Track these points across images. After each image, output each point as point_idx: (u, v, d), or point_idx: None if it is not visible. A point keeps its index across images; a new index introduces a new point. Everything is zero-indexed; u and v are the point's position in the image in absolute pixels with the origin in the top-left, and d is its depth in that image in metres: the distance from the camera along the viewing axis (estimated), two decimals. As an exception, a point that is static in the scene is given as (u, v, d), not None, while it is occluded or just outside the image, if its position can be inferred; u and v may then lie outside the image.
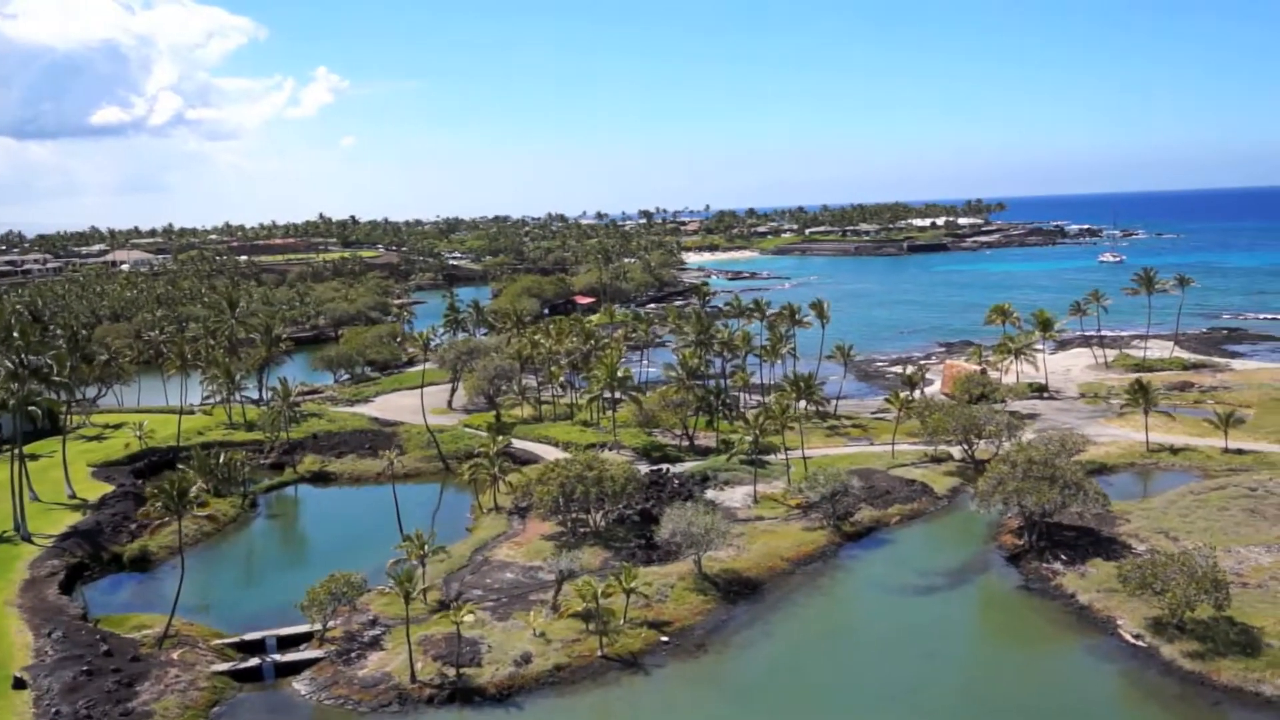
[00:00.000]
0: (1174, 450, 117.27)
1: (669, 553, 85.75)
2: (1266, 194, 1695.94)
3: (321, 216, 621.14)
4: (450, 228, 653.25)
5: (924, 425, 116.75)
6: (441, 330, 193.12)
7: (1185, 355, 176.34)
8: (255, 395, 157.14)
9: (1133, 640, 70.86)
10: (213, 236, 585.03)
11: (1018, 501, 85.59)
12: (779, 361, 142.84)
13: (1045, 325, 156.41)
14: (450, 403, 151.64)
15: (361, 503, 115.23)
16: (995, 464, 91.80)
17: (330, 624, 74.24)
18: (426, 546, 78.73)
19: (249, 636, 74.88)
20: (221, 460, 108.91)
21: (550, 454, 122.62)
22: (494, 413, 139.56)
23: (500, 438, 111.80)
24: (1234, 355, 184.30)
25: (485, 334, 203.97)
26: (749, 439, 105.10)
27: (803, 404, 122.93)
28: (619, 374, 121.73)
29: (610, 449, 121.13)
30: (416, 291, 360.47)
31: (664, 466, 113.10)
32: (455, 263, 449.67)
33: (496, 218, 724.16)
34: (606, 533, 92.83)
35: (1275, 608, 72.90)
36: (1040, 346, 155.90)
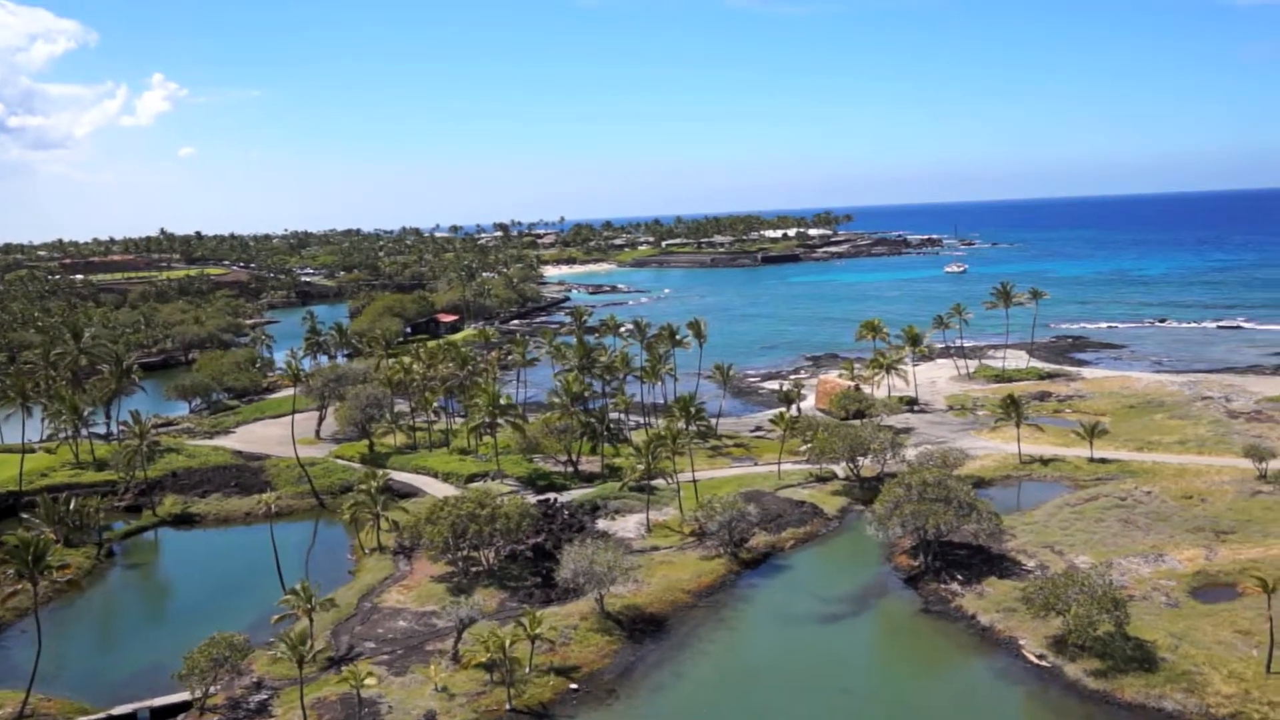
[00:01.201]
0: (1044, 461, 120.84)
1: (568, 590, 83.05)
2: (1082, 204, 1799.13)
3: (163, 232, 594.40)
4: (301, 243, 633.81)
5: (811, 446, 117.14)
6: (302, 354, 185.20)
7: (1040, 365, 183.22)
8: (104, 430, 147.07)
9: (1036, 661, 71.76)
10: (42, 253, 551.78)
11: (916, 525, 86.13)
12: (659, 383, 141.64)
13: (914, 340, 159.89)
14: (318, 432, 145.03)
15: (231, 546, 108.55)
16: (890, 487, 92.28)
17: (211, 689, 68.70)
18: (314, 600, 73.80)
19: (119, 710, 68.47)
20: (71, 506, 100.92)
21: (430, 486, 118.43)
22: (367, 442, 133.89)
23: (381, 472, 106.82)
24: (1082, 364, 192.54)
25: (347, 356, 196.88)
26: (640, 467, 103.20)
27: (690, 427, 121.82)
28: (501, 401, 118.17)
29: (493, 479, 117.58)
30: (269, 310, 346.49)
31: (552, 496, 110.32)
32: (308, 279, 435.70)
33: (348, 231, 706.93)
34: (500, 571, 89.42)
35: (1162, 619, 75.13)
36: (909, 361, 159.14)
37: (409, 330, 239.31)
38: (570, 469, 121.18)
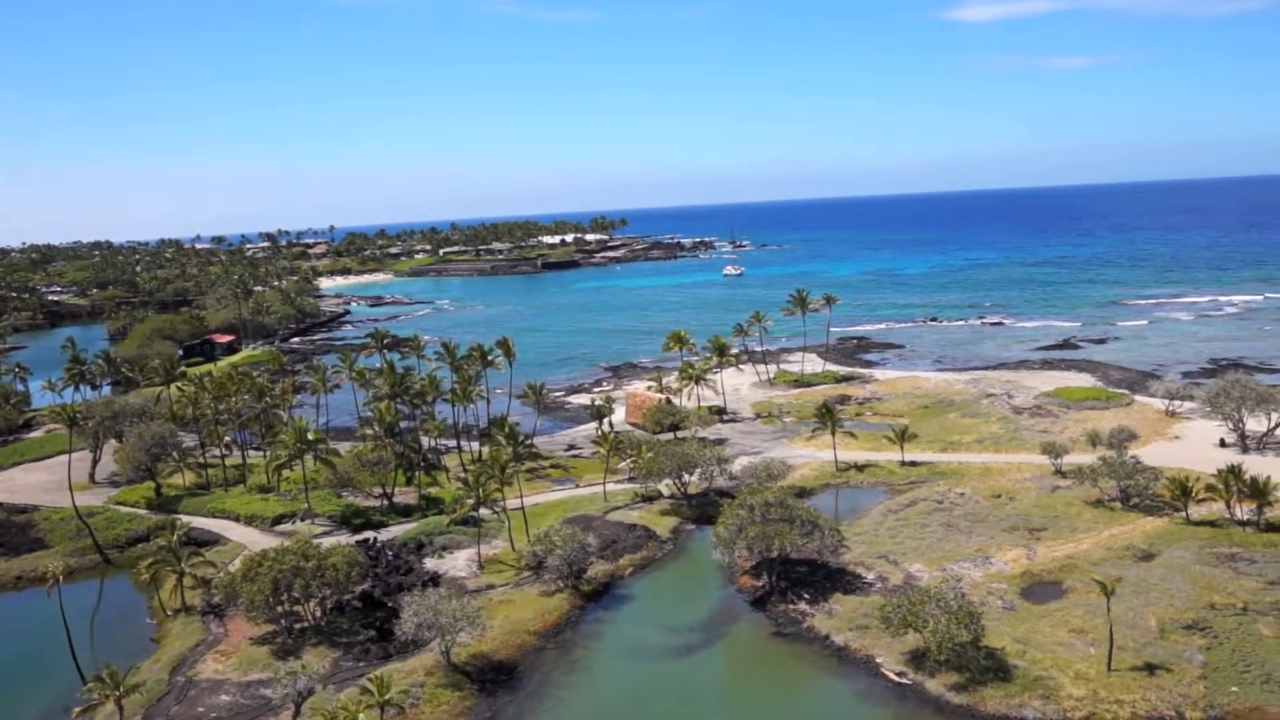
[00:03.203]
0: (860, 467, 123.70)
1: (407, 643, 77.49)
2: (835, 204, 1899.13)
3: None
4: (45, 257, 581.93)
5: (636, 466, 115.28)
6: (62, 385, 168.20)
7: (835, 368, 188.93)
8: None
9: (897, 679, 72.13)
10: None
11: (762, 547, 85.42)
12: (471, 405, 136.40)
13: (721, 350, 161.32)
14: (93, 475, 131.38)
15: (2, 620, 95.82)
16: (731, 509, 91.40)
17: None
18: (122, 686, 65.19)
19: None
20: None
21: (232, 531, 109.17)
22: (153, 485, 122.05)
23: (180, 522, 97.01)
24: (870, 364, 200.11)
25: (113, 385, 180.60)
26: (470, 500, 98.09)
27: (518, 458, 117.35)
28: (310, 435, 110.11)
29: (302, 519, 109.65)
30: (14, 334, 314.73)
31: (371, 536, 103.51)
32: (56, 298, 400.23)
33: (98, 244, 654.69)
34: (328, 626, 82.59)
35: (1003, 624, 77.25)
36: (717, 371, 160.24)
37: (181, 353, 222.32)
38: (385, 503, 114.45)
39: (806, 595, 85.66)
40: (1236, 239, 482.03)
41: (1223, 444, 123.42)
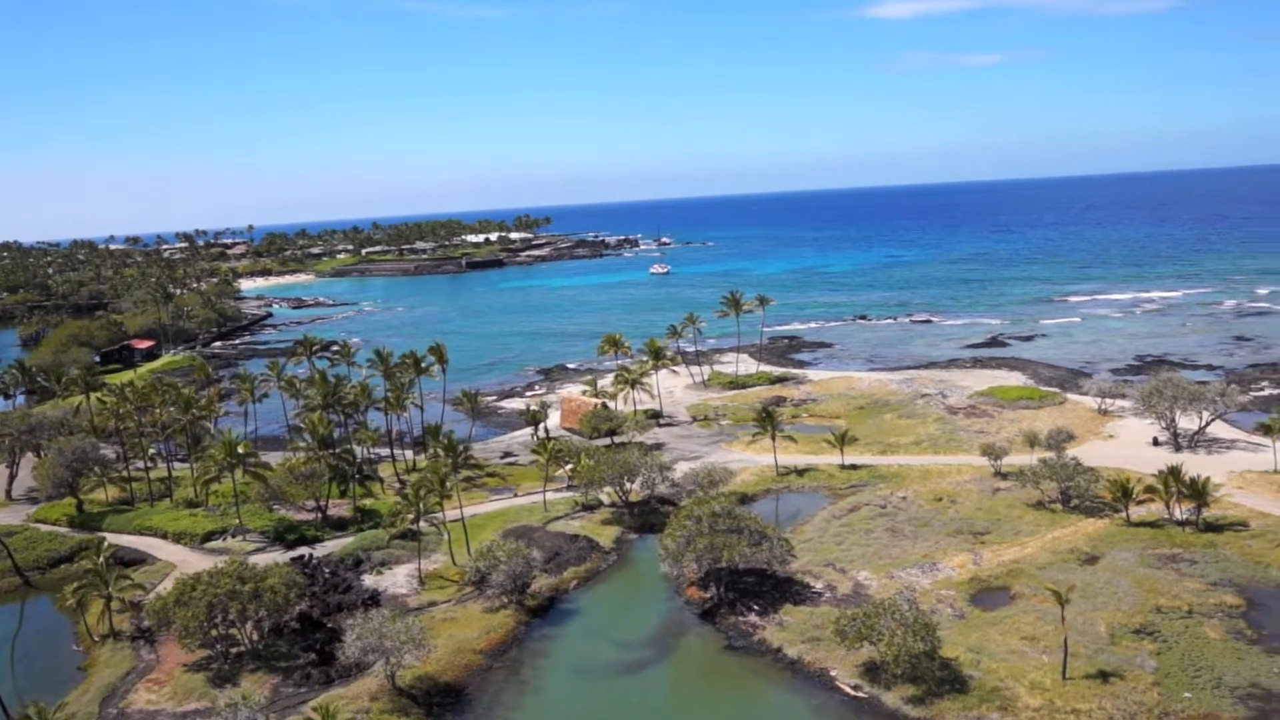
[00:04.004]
0: (800, 471, 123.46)
1: (349, 666, 74.91)
2: (755, 200, 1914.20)
3: None
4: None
5: (576, 474, 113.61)
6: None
7: (769, 368, 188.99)
8: None
9: (852, 692, 71.52)
10: None
11: (711, 559, 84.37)
12: (404, 413, 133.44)
13: (657, 354, 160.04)
14: (9, 492, 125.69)
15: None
16: (678, 519, 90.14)
17: None
18: (53, 720, 61.95)
19: None
20: None
21: (160, 549, 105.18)
22: (74, 502, 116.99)
23: (105, 542, 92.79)
24: (803, 364, 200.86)
25: (27, 395, 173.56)
26: (410, 515, 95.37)
27: (458, 469, 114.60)
28: (239, 448, 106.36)
29: (234, 535, 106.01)
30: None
31: (306, 552, 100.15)
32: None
33: (6, 245, 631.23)
34: (266, 650, 79.51)
35: (955, 633, 77.05)
36: (652, 373, 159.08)
37: (99, 360, 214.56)
38: (320, 516, 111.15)
39: (756, 606, 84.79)
40: (1149, 234, 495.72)
41: (1156, 442, 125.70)
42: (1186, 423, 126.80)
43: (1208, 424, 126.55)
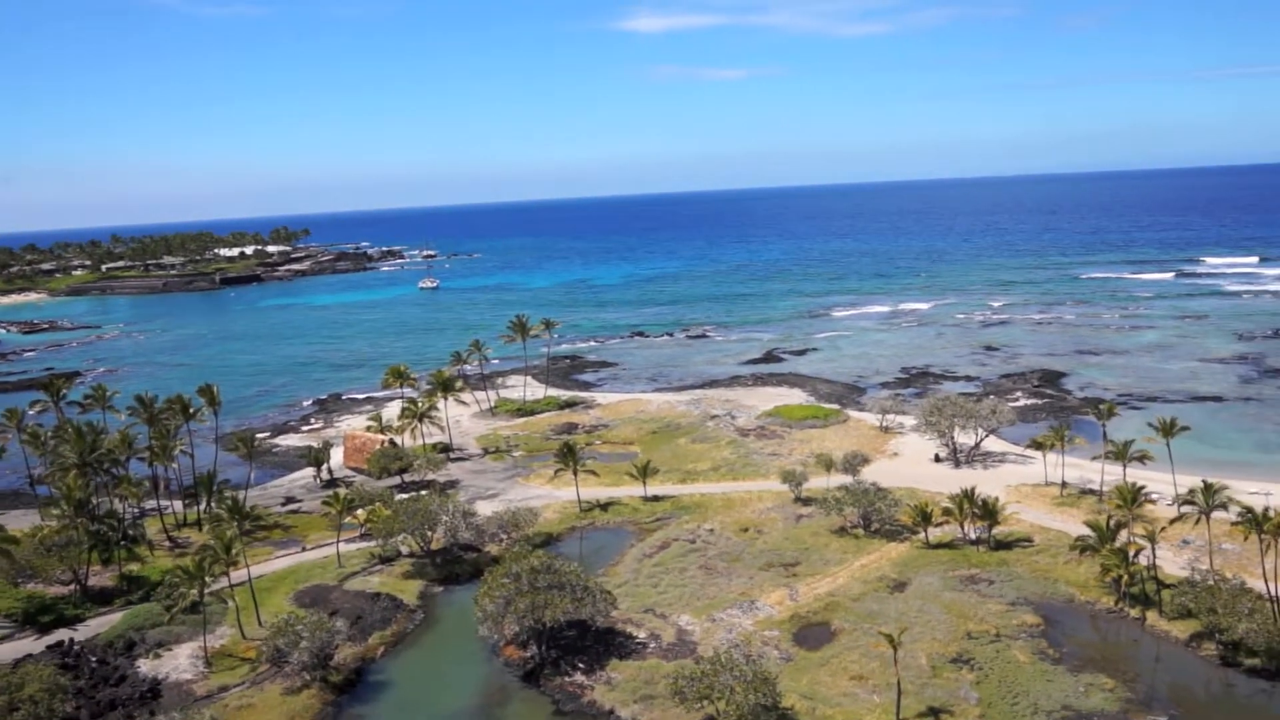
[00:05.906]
0: (604, 506, 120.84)
1: (134, 777, 66.04)
2: (514, 209, 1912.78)
3: None
4: None
5: (372, 525, 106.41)
6: None
7: (557, 392, 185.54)
8: None
9: (693, 755, 69.16)
10: None
11: (534, 619, 79.98)
12: (173, 465, 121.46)
13: (446, 386, 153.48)
14: None
15: None
16: (494, 577, 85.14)
17: None
18: None
19: None
20: None
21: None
22: None
23: None
24: (589, 386, 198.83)
25: None
26: (192, 592, 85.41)
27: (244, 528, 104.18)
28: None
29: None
30: None
31: (66, 638, 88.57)
32: None
33: None
34: (28, 768, 69.05)
35: (785, 678, 75.72)
36: (440, 407, 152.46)
37: None
38: (78, 590, 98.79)
39: (581, 664, 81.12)
40: (891, 246, 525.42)
41: (937, 459, 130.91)
42: (963, 438, 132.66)
43: (982, 440, 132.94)
